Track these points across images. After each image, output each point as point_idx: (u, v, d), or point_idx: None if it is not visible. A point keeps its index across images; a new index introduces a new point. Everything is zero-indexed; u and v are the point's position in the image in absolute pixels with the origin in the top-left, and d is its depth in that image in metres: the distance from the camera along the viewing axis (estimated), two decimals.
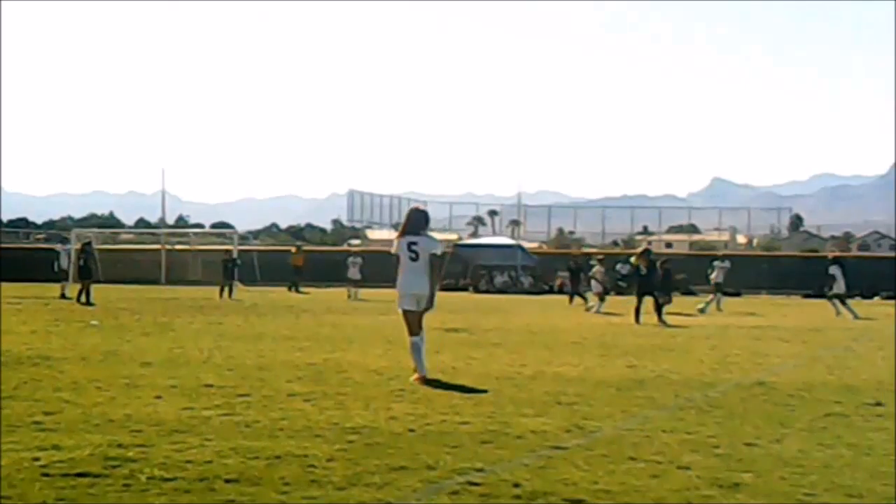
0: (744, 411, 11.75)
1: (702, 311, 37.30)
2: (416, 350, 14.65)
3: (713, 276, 42.14)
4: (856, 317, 34.57)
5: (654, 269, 31.11)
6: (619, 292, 60.01)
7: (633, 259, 34.46)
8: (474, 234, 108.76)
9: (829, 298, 37.37)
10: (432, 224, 16.14)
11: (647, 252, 32.42)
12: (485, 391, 13.14)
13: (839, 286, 36.89)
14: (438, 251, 15.25)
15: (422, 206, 17.36)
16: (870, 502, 7.37)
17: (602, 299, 37.48)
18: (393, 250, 15.19)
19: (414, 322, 14.83)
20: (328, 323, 26.92)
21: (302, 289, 53.85)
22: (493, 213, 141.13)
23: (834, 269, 37.23)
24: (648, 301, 29.75)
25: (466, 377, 14.80)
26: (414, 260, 14.76)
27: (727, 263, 43.60)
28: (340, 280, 52.46)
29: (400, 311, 15.01)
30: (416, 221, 15.22)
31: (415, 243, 14.83)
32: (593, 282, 40.37)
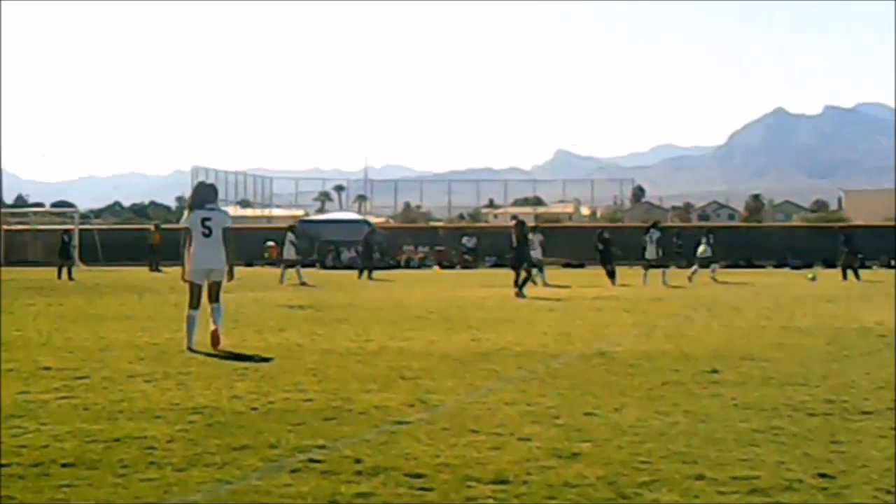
0: (584, 381, 11.92)
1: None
2: (191, 324, 15.26)
3: (701, 249, 42.86)
4: (650, 282, 35.76)
5: (525, 242, 31.18)
6: (466, 266, 60.46)
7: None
8: (321, 210, 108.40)
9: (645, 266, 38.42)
10: (280, 199, 16.42)
11: (521, 224, 32.14)
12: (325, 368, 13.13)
13: (650, 251, 37.71)
14: (230, 224, 15.65)
15: (209, 181, 17.63)
16: (704, 468, 7.54)
17: (540, 269, 37.20)
18: (182, 224, 15.50)
19: (198, 295, 15.42)
20: (171, 302, 26.52)
21: (161, 268, 52.35)
22: (339, 189, 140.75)
23: (652, 234, 38.08)
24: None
25: (311, 353, 14.75)
26: (207, 235, 15.09)
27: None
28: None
29: (188, 282, 15.52)
30: (206, 195, 15.58)
31: (208, 218, 15.25)
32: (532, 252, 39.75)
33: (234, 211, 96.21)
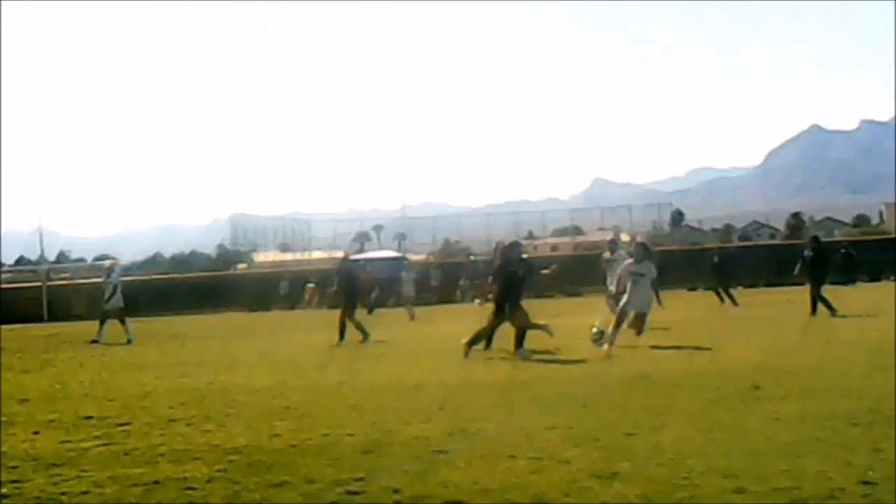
0: (622, 402, 11.88)
1: None
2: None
3: None
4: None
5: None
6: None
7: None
8: (360, 251, 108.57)
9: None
10: (319, 242, 16.47)
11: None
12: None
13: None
14: None
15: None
16: (745, 481, 7.47)
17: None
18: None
19: None
20: (212, 348, 26.65)
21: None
22: (377, 228, 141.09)
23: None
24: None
25: (352, 389, 14.76)
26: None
27: None
28: (226, 305, 52.29)
29: None
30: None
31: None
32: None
33: (273, 256, 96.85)
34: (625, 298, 19.67)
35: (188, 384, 16.76)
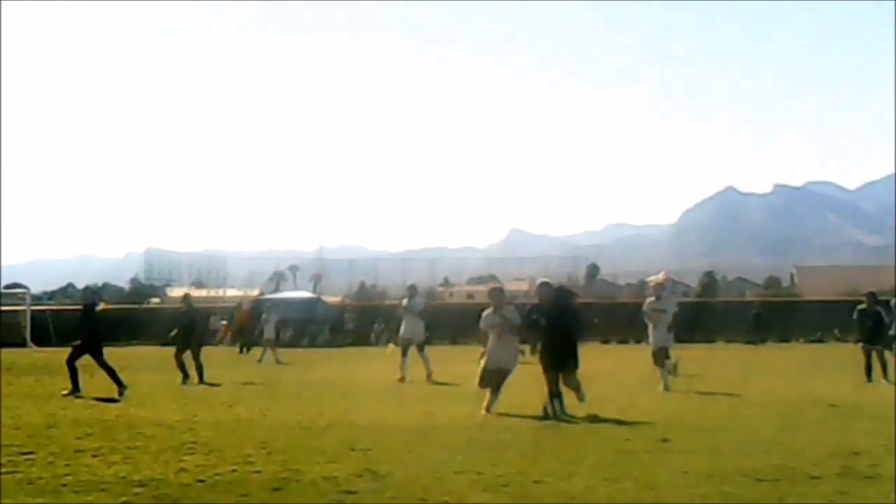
0: (534, 450, 11.92)
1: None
2: None
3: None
4: None
5: None
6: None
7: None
8: (275, 290, 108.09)
9: None
10: (233, 280, 16.30)
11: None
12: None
13: None
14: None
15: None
16: None
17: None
18: None
19: None
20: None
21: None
22: (293, 269, 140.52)
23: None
24: None
25: (261, 428, 14.65)
26: None
27: None
28: (137, 338, 52.03)
29: None
30: None
31: None
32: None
33: (187, 291, 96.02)
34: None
35: (95, 415, 16.56)
